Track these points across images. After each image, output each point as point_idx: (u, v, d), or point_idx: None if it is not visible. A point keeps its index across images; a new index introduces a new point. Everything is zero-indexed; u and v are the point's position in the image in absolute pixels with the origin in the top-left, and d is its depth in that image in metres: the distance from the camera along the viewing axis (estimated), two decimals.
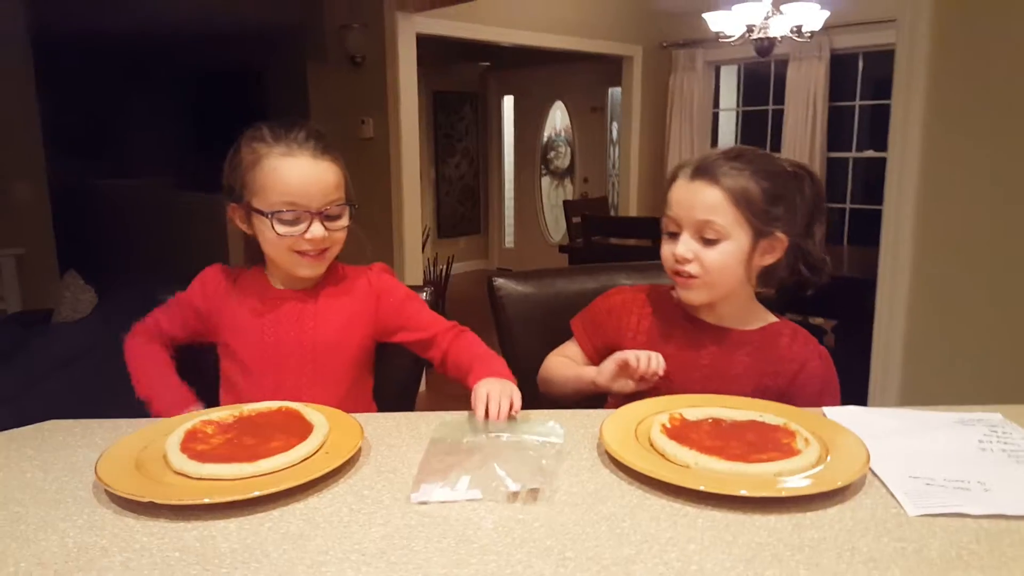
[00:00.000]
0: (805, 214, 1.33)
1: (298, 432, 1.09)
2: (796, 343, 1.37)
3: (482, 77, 8.13)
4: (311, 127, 1.38)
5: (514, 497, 0.94)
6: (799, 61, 5.75)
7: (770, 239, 1.30)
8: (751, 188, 1.26)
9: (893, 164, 2.41)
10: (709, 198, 1.27)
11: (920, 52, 2.30)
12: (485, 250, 8.57)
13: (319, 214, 1.34)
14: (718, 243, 1.28)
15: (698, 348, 1.37)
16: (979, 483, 0.93)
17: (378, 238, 4.44)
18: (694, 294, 1.33)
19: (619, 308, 1.46)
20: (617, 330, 1.44)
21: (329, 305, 1.43)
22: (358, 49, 4.48)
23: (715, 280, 1.30)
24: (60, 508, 0.94)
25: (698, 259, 1.29)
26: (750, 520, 0.88)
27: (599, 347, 1.46)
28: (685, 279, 1.32)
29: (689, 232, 1.30)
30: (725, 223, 1.27)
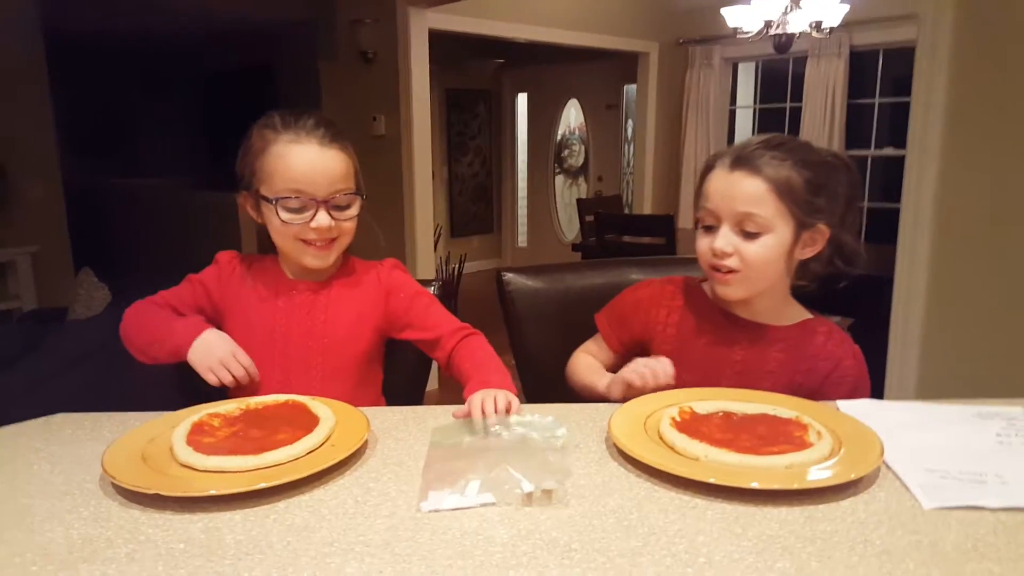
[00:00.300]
0: (843, 204, 1.27)
1: (304, 425, 1.08)
2: (831, 341, 1.32)
3: (496, 74, 8.12)
4: (321, 116, 1.37)
5: (528, 499, 0.91)
6: (818, 58, 5.70)
7: (812, 231, 1.24)
8: (794, 178, 1.21)
9: (912, 161, 2.38)
10: (751, 189, 1.21)
11: (941, 49, 2.27)
12: (498, 249, 8.55)
13: (325, 203, 1.33)
14: (759, 236, 1.22)
15: (731, 344, 1.32)
16: (996, 476, 0.91)
17: (390, 236, 4.44)
18: (732, 290, 1.28)
19: (647, 301, 1.41)
20: (645, 324, 1.40)
21: (340, 298, 1.42)
22: (370, 45, 4.47)
23: (755, 275, 1.25)
24: (66, 500, 0.94)
25: (738, 253, 1.23)
26: (761, 512, 0.86)
27: (626, 341, 1.43)
28: (723, 274, 1.26)
29: (729, 225, 1.24)
30: (767, 215, 1.21)
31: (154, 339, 1.34)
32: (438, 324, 1.43)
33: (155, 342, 1.34)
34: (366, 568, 0.77)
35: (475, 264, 7.33)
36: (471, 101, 8.06)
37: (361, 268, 1.49)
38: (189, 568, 0.78)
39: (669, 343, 1.36)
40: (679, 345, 1.35)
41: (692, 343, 1.33)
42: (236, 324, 1.41)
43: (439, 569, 0.77)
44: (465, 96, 7.97)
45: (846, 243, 1.29)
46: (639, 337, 1.40)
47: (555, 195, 8.12)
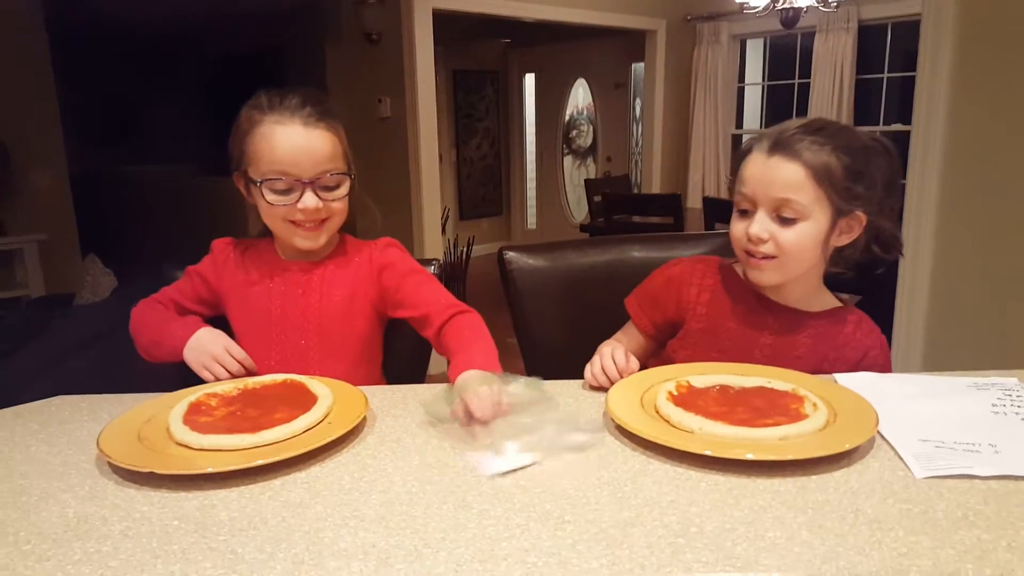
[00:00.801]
0: (882, 190, 1.24)
1: (302, 404, 1.09)
2: (860, 330, 1.31)
3: (502, 55, 8.07)
4: (309, 93, 1.35)
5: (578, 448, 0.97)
6: (826, 32, 5.64)
7: (849, 218, 1.22)
8: (833, 164, 1.18)
9: (917, 136, 2.36)
10: (790, 175, 1.18)
11: (945, 23, 2.25)
12: (507, 231, 8.54)
13: (312, 184, 1.32)
14: (796, 223, 1.20)
15: (760, 327, 1.30)
16: (990, 445, 0.91)
17: (397, 218, 4.44)
18: (766, 275, 1.26)
19: (678, 279, 1.38)
20: (677, 303, 1.37)
21: (334, 278, 1.42)
22: (374, 26, 4.45)
23: (790, 262, 1.23)
24: (63, 480, 0.94)
25: (774, 239, 1.21)
26: (753, 484, 0.86)
27: (659, 322, 1.40)
28: (758, 260, 1.24)
29: (765, 210, 1.22)
30: (806, 202, 1.18)
31: (154, 340, 1.38)
32: (428, 302, 1.39)
33: (155, 343, 1.38)
34: (359, 542, 0.78)
35: (484, 247, 7.33)
36: (478, 82, 8.02)
37: (356, 247, 1.48)
38: (182, 544, 0.78)
39: (699, 322, 1.34)
40: (709, 324, 1.34)
41: (722, 323, 1.32)
42: (234, 308, 1.42)
43: (432, 542, 0.77)
44: (472, 77, 7.94)
45: (884, 228, 1.26)
46: (672, 317, 1.38)
47: (564, 176, 8.09)
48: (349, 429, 1.03)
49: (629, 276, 1.70)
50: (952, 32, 2.24)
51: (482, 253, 6.90)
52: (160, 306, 1.43)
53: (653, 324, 1.41)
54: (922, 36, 2.32)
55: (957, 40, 2.24)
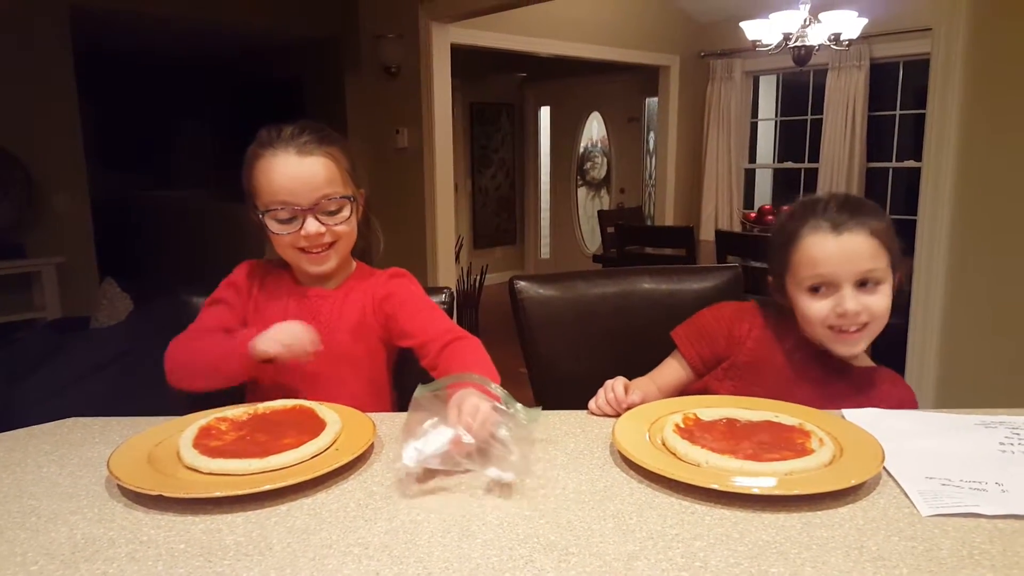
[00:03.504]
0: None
1: (310, 429, 1.09)
2: (896, 389, 1.34)
3: (519, 88, 8.16)
4: (305, 123, 1.38)
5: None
6: (838, 70, 5.68)
7: (899, 273, 1.29)
8: (882, 227, 1.26)
9: (928, 173, 2.37)
10: (864, 248, 1.24)
11: (955, 62, 2.27)
12: (521, 260, 8.57)
13: (311, 210, 1.34)
14: (879, 287, 1.26)
15: (805, 369, 1.33)
16: (997, 484, 0.90)
17: (411, 246, 4.47)
18: (860, 345, 1.29)
19: (730, 316, 1.42)
20: (728, 337, 1.40)
21: (344, 305, 1.44)
22: (393, 60, 4.52)
23: (878, 326, 1.27)
24: (72, 501, 0.95)
25: (866, 309, 1.25)
26: (759, 518, 0.86)
27: (705, 356, 1.42)
28: (850, 333, 1.27)
29: (850, 286, 1.25)
30: (883, 266, 1.25)
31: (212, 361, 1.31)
32: (425, 329, 1.38)
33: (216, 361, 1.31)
34: (363, 570, 0.78)
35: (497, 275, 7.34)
36: (494, 114, 8.10)
37: (366, 275, 1.50)
38: (188, 568, 0.79)
39: (747, 356, 1.37)
40: (754, 360, 1.36)
41: (768, 362, 1.34)
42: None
43: (435, 571, 0.77)
44: (489, 109, 8.02)
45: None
46: (720, 352, 1.40)
47: (578, 207, 8.13)
48: (356, 456, 1.03)
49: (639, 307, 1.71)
50: (961, 71, 2.26)
51: (495, 282, 6.92)
52: (206, 333, 1.39)
53: (700, 357, 1.43)
54: (932, 74, 2.34)
55: (966, 79, 2.26)
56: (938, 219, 2.33)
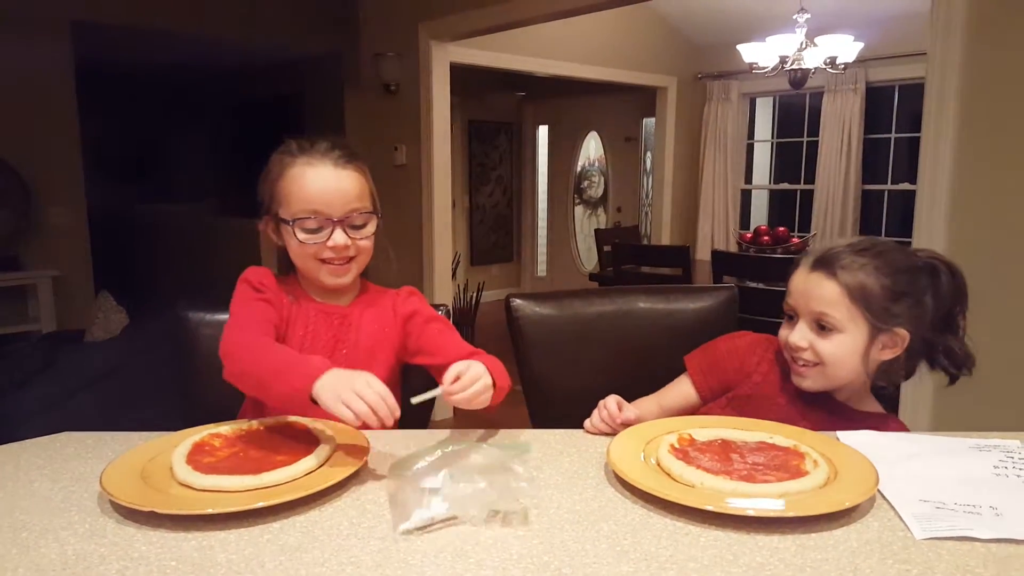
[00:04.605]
0: (941, 308, 1.27)
1: (304, 447, 1.09)
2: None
3: (517, 107, 8.20)
4: (336, 139, 1.40)
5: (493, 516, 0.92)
6: (834, 93, 5.72)
7: (889, 335, 1.25)
8: (870, 284, 1.23)
9: (923, 196, 2.38)
10: (826, 292, 1.25)
11: (950, 86, 2.28)
12: (518, 278, 8.57)
13: (341, 222, 1.36)
14: (833, 334, 1.25)
15: (808, 409, 1.32)
16: (991, 508, 0.90)
17: (408, 263, 4.47)
18: (808, 382, 1.30)
19: (743, 349, 1.43)
20: (738, 370, 1.40)
21: (360, 323, 1.44)
22: (392, 77, 4.54)
23: (831, 370, 1.27)
24: (63, 517, 0.95)
25: (812, 348, 1.26)
26: (753, 540, 0.86)
27: (714, 386, 1.42)
28: (800, 367, 1.29)
29: (805, 321, 1.28)
30: (840, 317, 1.24)
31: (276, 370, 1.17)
32: (448, 349, 1.40)
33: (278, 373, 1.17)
34: None
35: (494, 293, 7.35)
36: (493, 133, 8.13)
37: (379, 293, 1.51)
38: None
39: (751, 389, 1.38)
40: (759, 393, 1.37)
41: (773, 397, 1.35)
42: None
43: None
44: (487, 128, 8.05)
45: (953, 347, 1.29)
46: (729, 382, 1.41)
47: (574, 225, 8.14)
48: (350, 474, 1.03)
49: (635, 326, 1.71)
50: (956, 95, 2.27)
51: (492, 299, 6.92)
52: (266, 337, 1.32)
53: (708, 385, 1.43)
54: (926, 98, 2.36)
55: (961, 102, 2.27)
56: (934, 242, 2.34)
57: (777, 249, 4.46)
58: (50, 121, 4.23)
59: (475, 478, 0.94)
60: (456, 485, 0.94)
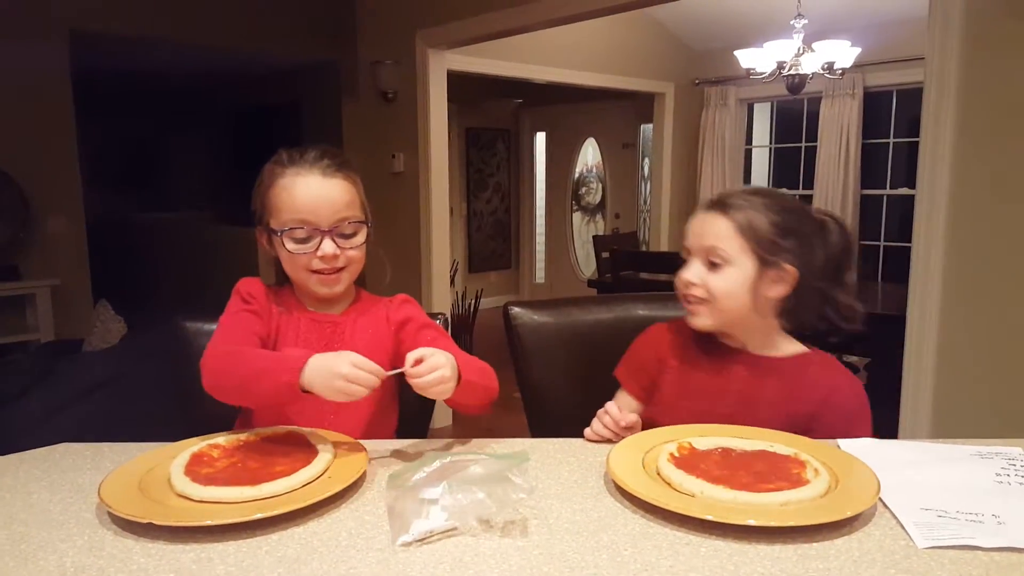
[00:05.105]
0: (831, 259, 1.34)
1: (303, 457, 1.09)
2: (826, 372, 1.36)
3: (515, 114, 8.20)
4: (326, 148, 1.40)
5: (488, 526, 0.92)
6: (832, 98, 5.72)
7: (777, 270, 1.30)
8: (758, 219, 1.30)
9: (922, 201, 2.38)
10: (717, 228, 1.31)
11: (948, 91, 2.29)
12: (516, 285, 8.57)
13: (330, 232, 1.35)
14: (722, 268, 1.30)
15: (729, 374, 1.36)
16: (993, 516, 0.90)
17: (407, 270, 4.47)
18: (699, 319, 1.35)
19: (654, 339, 1.47)
20: (656, 363, 1.44)
21: (353, 332, 1.43)
22: (390, 85, 4.55)
23: (720, 306, 1.31)
24: (62, 529, 0.94)
25: (704, 284, 1.31)
26: (754, 550, 0.86)
27: (645, 385, 1.45)
28: (691, 304, 1.35)
29: (698, 258, 1.33)
30: (730, 249, 1.30)
31: (256, 371, 1.21)
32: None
33: (258, 374, 1.20)
34: None
35: (492, 300, 7.33)
36: (490, 139, 8.14)
37: (372, 302, 1.50)
38: None
39: (672, 374, 1.40)
40: (681, 376, 1.40)
41: (693, 374, 1.38)
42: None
43: None
44: (485, 135, 8.06)
45: (840, 299, 1.35)
46: (653, 377, 1.43)
47: (572, 232, 8.14)
48: (348, 484, 1.03)
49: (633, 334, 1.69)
50: (954, 99, 2.28)
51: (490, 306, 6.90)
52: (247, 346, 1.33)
53: (641, 388, 1.46)
54: (925, 103, 2.36)
55: (959, 107, 2.27)
56: (932, 246, 2.34)
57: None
58: (48, 130, 4.22)
59: (474, 489, 0.94)
60: (455, 496, 0.93)
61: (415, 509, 0.93)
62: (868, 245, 5.86)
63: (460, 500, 0.93)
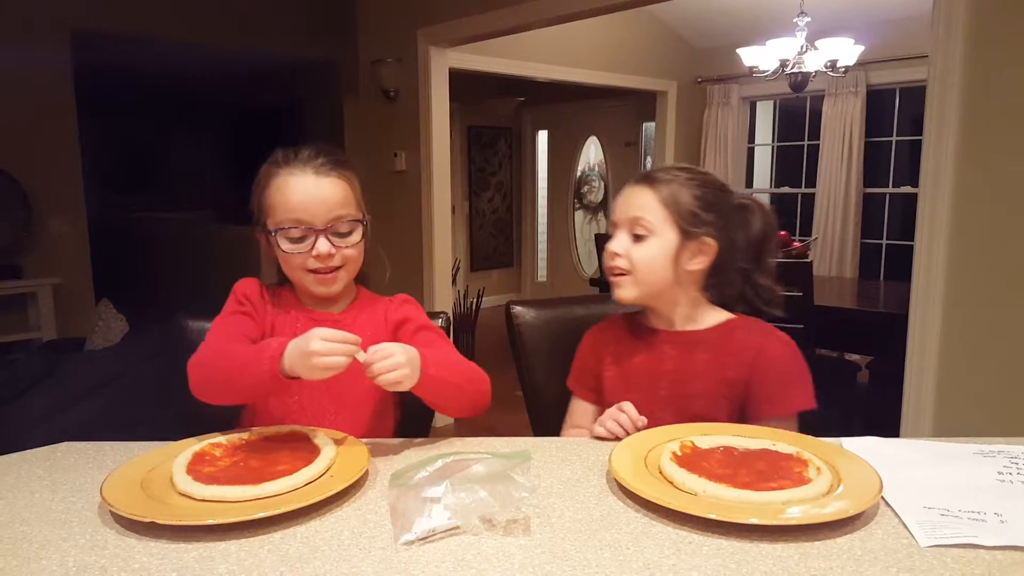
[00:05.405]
0: (753, 241, 1.40)
1: (305, 456, 1.09)
2: (751, 333, 1.38)
3: (517, 112, 8.20)
4: (321, 146, 1.39)
5: (491, 525, 0.92)
6: (834, 96, 5.71)
7: (697, 242, 1.35)
8: (682, 192, 1.35)
9: (925, 199, 2.38)
10: (643, 199, 1.36)
11: (951, 90, 2.28)
12: (518, 283, 8.57)
13: (324, 230, 1.35)
14: (646, 239, 1.34)
15: (660, 355, 1.40)
16: (996, 514, 0.89)
17: (408, 269, 4.47)
18: (623, 291, 1.38)
19: (592, 343, 1.51)
20: (596, 363, 1.47)
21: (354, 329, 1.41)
22: (391, 84, 4.55)
23: (643, 277, 1.35)
24: (64, 528, 0.94)
25: (628, 255, 1.35)
26: (756, 549, 0.85)
27: (594, 387, 1.48)
28: (616, 276, 1.38)
29: (624, 230, 1.37)
30: (653, 220, 1.34)
31: (236, 367, 1.22)
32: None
33: (239, 368, 1.22)
34: None
35: (494, 298, 7.35)
36: (492, 138, 8.14)
37: (372, 301, 1.50)
38: None
39: (612, 370, 1.44)
40: (620, 370, 1.44)
41: (630, 366, 1.42)
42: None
43: None
44: (486, 133, 8.06)
45: (761, 283, 1.41)
46: (599, 377, 1.47)
47: (575, 230, 8.14)
48: (350, 483, 1.02)
49: None
50: (958, 97, 2.27)
51: (492, 304, 6.91)
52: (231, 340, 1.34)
53: (591, 390, 1.49)
54: (928, 101, 2.35)
55: (963, 105, 2.27)
56: (935, 245, 2.33)
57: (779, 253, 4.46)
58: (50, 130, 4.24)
59: (476, 487, 0.94)
60: (457, 494, 0.93)
61: (417, 508, 0.93)
62: (870, 243, 5.85)
63: (462, 499, 0.93)
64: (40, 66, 4.15)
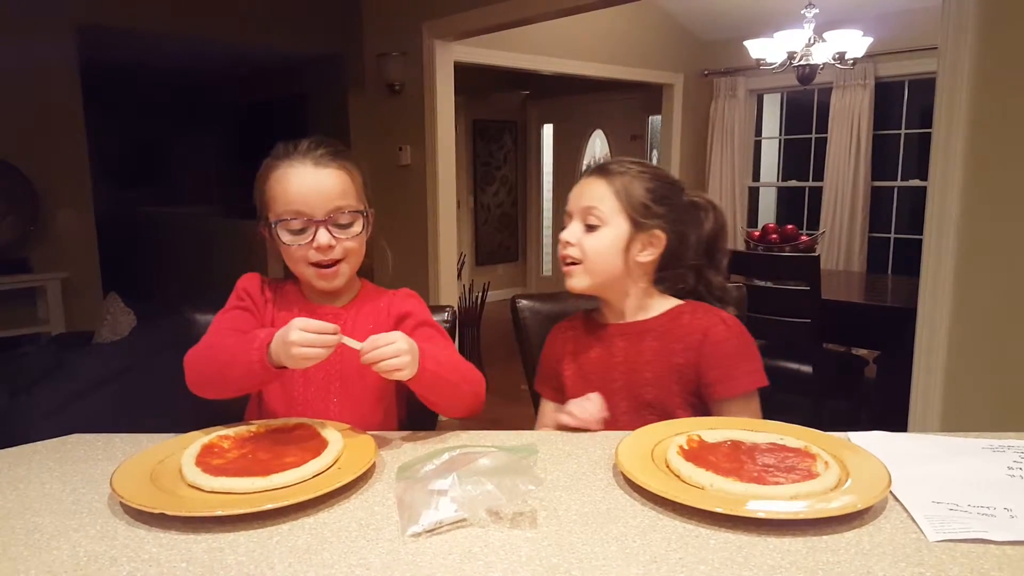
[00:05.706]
0: (703, 238, 1.45)
1: (313, 448, 1.09)
2: (696, 315, 1.40)
3: (522, 106, 8.19)
4: (321, 139, 1.40)
5: (498, 517, 0.92)
6: (842, 89, 5.69)
7: (648, 234, 1.38)
8: (634, 185, 1.38)
9: (934, 193, 2.36)
10: (596, 190, 1.39)
11: (961, 82, 2.27)
12: (523, 277, 8.57)
13: (324, 222, 1.34)
14: (598, 229, 1.37)
15: (612, 348, 1.43)
16: (1005, 509, 0.89)
17: (413, 263, 4.48)
18: (574, 280, 1.41)
19: (552, 344, 1.55)
20: (557, 363, 1.50)
21: (356, 324, 1.43)
22: (396, 77, 4.55)
23: (593, 267, 1.38)
24: (75, 519, 0.95)
25: (580, 245, 1.39)
26: (764, 543, 0.85)
27: (558, 387, 1.50)
28: (568, 265, 1.41)
29: (578, 220, 1.40)
30: (606, 210, 1.37)
31: (227, 361, 1.24)
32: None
33: (228, 362, 1.24)
34: None
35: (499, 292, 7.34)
36: (497, 132, 8.13)
37: (377, 294, 1.50)
38: None
39: (571, 367, 1.47)
40: (578, 367, 1.46)
41: (587, 361, 1.45)
42: None
43: None
44: (491, 127, 8.05)
45: (712, 280, 1.47)
46: (560, 376, 1.49)
47: None
48: (358, 475, 1.03)
49: None
50: (967, 90, 2.26)
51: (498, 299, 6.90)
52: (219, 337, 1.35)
53: (556, 390, 1.50)
54: (937, 93, 2.34)
55: (972, 98, 2.26)
56: (944, 238, 2.32)
57: (786, 247, 4.44)
58: (57, 125, 4.25)
59: (483, 480, 0.94)
60: (464, 487, 0.94)
61: (424, 500, 0.93)
62: (878, 237, 5.83)
63: (469, 491, 0.93)
64: (47, 62, 4.16)
